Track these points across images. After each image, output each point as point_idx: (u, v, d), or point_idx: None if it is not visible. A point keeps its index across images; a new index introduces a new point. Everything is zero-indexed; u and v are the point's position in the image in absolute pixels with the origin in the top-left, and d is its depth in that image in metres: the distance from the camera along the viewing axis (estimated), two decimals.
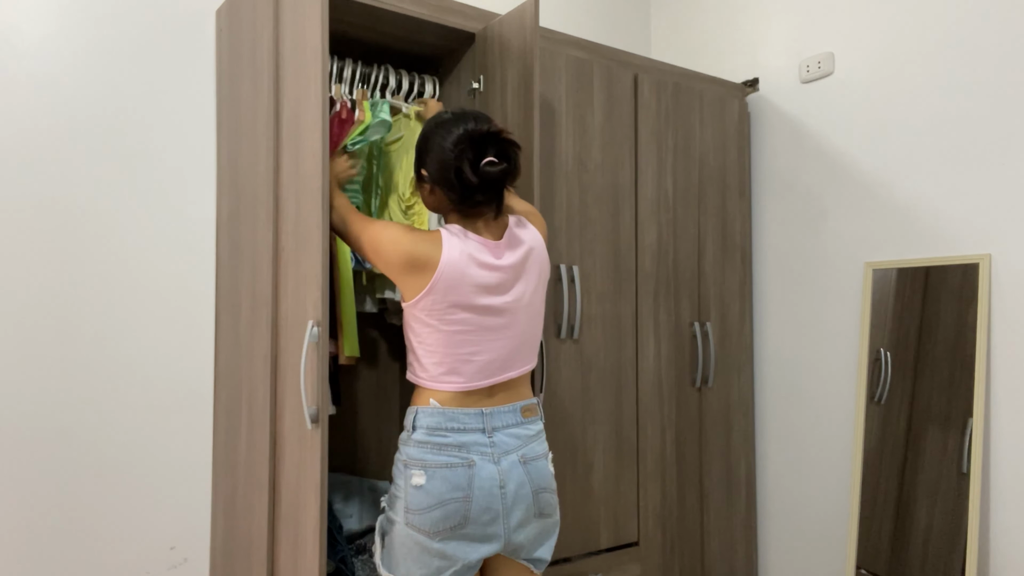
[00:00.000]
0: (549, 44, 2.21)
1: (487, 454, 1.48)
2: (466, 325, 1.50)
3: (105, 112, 1.95)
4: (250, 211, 1.85)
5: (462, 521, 1.44)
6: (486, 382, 1.52)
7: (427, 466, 1.46)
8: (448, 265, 1.47)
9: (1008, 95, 2.08)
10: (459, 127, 1.50)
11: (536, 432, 1.58)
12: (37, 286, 1.85)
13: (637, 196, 2.38)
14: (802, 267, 2.61)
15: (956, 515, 2.07)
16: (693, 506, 2.50)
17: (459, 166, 1.46)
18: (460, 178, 1.47)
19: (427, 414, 1.50)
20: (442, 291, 1.47)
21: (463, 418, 1.50)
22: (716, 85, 2.66)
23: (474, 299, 1.49)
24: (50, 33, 1.89)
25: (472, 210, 1.53)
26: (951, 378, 2.13)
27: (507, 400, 1.55)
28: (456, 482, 1.45)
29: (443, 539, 1.44)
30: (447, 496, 1.44)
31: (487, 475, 1.47)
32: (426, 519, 1.44)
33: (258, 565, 1.75)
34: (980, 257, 2.11)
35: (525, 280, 1.56)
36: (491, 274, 1.51)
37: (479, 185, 1.47)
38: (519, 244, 1.56)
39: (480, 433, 1.49)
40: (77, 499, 1.88)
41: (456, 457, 1.47)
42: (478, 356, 1.51)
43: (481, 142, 1.48)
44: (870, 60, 2.42)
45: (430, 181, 1.55)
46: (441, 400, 1.51)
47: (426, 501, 1.44)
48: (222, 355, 2.03)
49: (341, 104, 1.87)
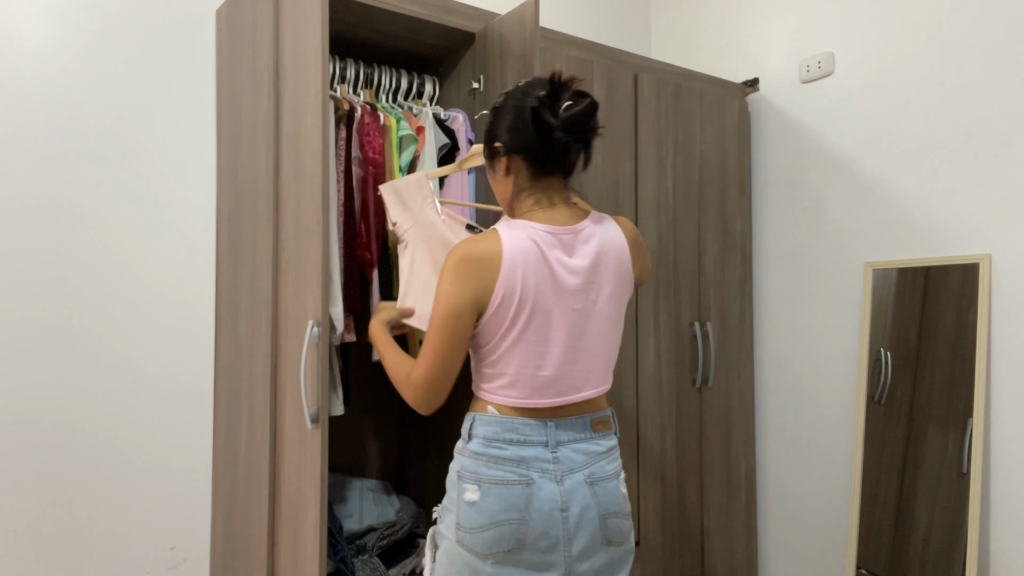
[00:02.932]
0: (549, 44, 2.21)
1: (549, 472, 1.32)
2: (535, 332, 1.33)
3: (105, 112, 1.95)
4: (250, 211, 1.85)
5: (516, 545, 1.30)
6: (554, 401, 1.36)
7: (481, 481, 1.32)
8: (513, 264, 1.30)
9: (1008, 95, 2.08)
10: (530, 89, 1.36)
11: (607, 449, 1.41)
12: (37, 286, 1.85)
13: (637, 196, 2.38)
14: (802, 267, 2.61)
15: (956, 515, 2.07)
16: (693, 506, 2.50)
17: (536, 112, 1.32)
18: (538, 125, 1.32)
19: (484, 422, 1.36)
20: (509, 298, 1.31)
21: (524, 429, 1.34)
22: (716, 85, 2.66)
23: (543, 302, 1.32)
24: (50, 33, 1.89)
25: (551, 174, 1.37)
26: (951, 378, 2.13)
27: (576, 411, 1.38)
28: (512, 501, 1.30)
29: (496, 563, 1.30)
30: (501, 516, 1.29)
31: (547, 496, 1.31)
32: (478, 539, 1.30)
33: (258, 565, 1.75)
34: (980, 257, 2.11)
35: (599, 282, 1.37)
36: (563, 274, 1.34)
37: (562, 127, 1.31)
38: (592, 238, 1.38)
39: (542, 447, 1.34)
40: (77, 499, 1.88)
41: (513, 473, 1.31)
42: (543, 371, 1.34)
43: (555, 92, 1.33)
44: (870, 60, 2.42)
45: (505, 152, 1.37)
46: (501, 409, 1.36)
47: (479, 520, 1.30)
48: (222, 355, 2.03)
49: (363, 109, 1.87)
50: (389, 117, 1.91)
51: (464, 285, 1.31)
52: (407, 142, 1.92)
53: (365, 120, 1.86)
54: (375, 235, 1.86)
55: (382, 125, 1.89)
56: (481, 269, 1.31)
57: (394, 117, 1.93)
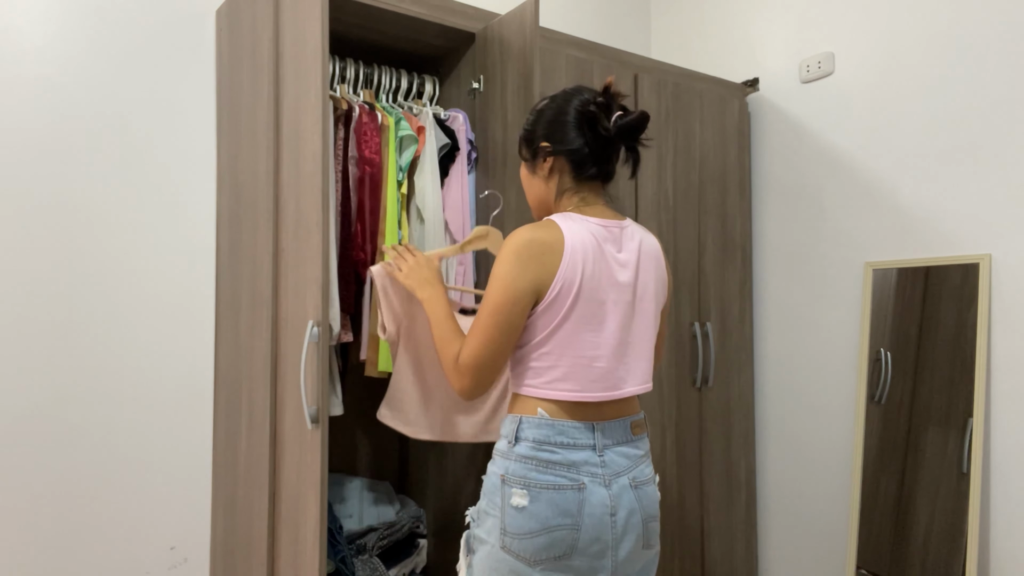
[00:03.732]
0: (549, 44, 2.21)
1: (598, 476, 1.32)
2: (590, 321, 1.33)
3: (105, 112, 1.95)
4: (250, 211, 1.85)
5: (568, 551, 1.28)
6: (604, 395, 1.35)
7: (531, 485, 1.29)
8: (573, 251, 1.31)
9: (1008, 95, 2.08)
10: (577, 94, 1.40)
11: (645, 452, 1.42)
12: (37, 286, 1.85)
13: (637, 196, 2.38)
14: (802, 267, 2.61)
15: (956, 515, 2.07)
16: (693, 506, 2.50)
17: (594, 117, 1.36)
18: (594, 130, 1.36)
19: (534, 425, 1.33)
20: (568, 287, 1.31)
21: (573, 432, 1.32)
22: (716, 85, 2.66)
23: (598, 292, 1.33)
24: (51, 34, 1.89)
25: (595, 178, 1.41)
26: (951, 378, 2.13)
27: (617, 413, 1.39)
28: (565, 507, 1.28)
29: (545, 569, 1.28)
30: (554, 522, 1.28)
31: (598, 500, 1.30)
32: (528, 545, 1.27)
33: (258, 565, 1.75)
34: (980, 257, 2.11)
35: (644, 279, 1.40)
36: (615, 267, 1.36)
37: (618, 133, 1.35)
38: (635, 236, 1.42)
39: (591, 451, 1.33)
40: (77, 499, 1.89)
41: (565, 478, 1.30)
42: (599, 362, 1.34)
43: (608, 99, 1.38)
44: (870, 60, 2.42)
45: (553, 152, 1.40)
46: (550, 411, 1.34)
47: (529, 525, 1.28)
48: (222, 355, 2.03)
49: (360, 109, 1.87)
50: (387, 116, 1.91)
51: (526, 270, 1.30)
52: (407, 142, 1.92)
53: (363, 119, 1.86)
54: (370, 235, 1.86)
55: (380, 124, 1.89)
56: (544, 254, 1.31)
57: (393, 117, 1.92)
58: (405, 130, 1.92)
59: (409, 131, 1.92)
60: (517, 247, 1.31)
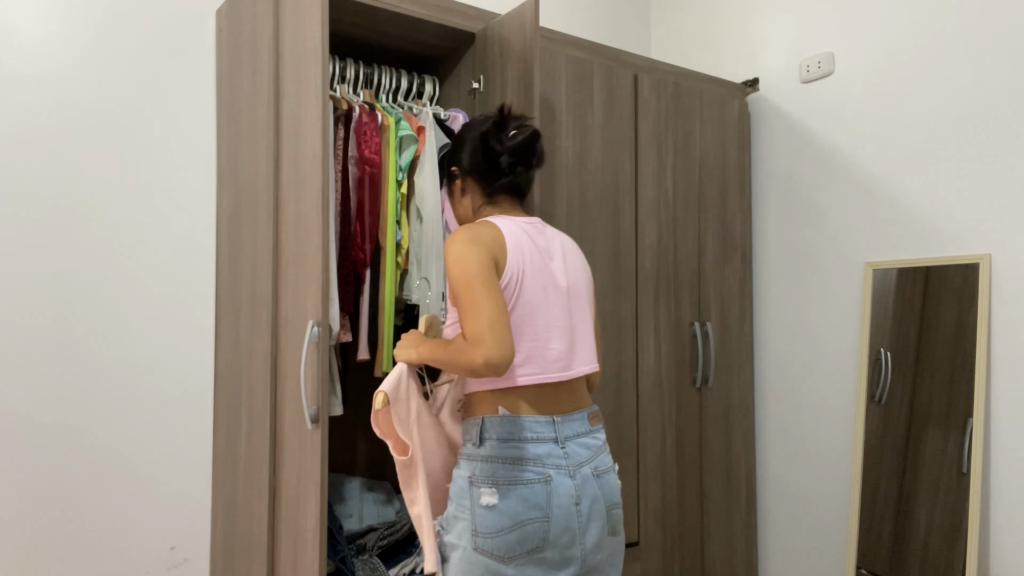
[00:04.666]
0: (549, 44, 2.21)
1: (562, 467, 1.35)
2: (539, 306, 1.40)
3: (105, 112, 1.95)
4: (250, 211, 1.85)
5: (540, 544, 1.31)
6: (561, 375, 1.41)
7: (499, 483, 1.32)
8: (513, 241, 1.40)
9: (1008, 95, 2.08)
10: (480, 120, 1.55)
11: (603, 442, 1.48)
12: (37, 286, 1.85)
13: (637, 196, 2.38)
14: (802, 267, 2.61)
15: (956, 515, 2.07)
16: (693, 506, 2.50)
17: (485, 138, 1.48)
18: (487, 150, 1.48)
19: (496, 424, 1.36)
20: (517, 273, 1.38)
21: (535, 427, 1.36)
22: (716, 85, 2.66)
23: (540, 279, 1.41)
24: (51, 33, 1.89)
25: (504, 192, 1.51)
26: (951, 378, 2.13)
27: (574, 406, 1.44)
28: (534, 500, 1.31)
29: (519, 564, 1.31)
30: (524, 516, 1.31)
31: (564, 491, 1.34)
32: (499, 543, 1.30)
33: (258, 565, 1.75)
34: (980, 257, 2.11)
35: (572, 268, 1.50)
36: (546, 257, 1.46)
37: (510, 151, 1.47)
38: (553, 234, 1.52)
39: (553, 443, 1.37)
40: (77, 499, 1.89)
41: (532, 472, 1.33)
42: (552, 344, 1.40)
43: (502, 120, 1.50)
44: (870, 60, 2.42)
45: (461, 174, 1.54)
46: (510, 407, 1.38)
47: (499, 523, 1.30)
48: (222, 355, 2.03)
49: (361, 109, 1.86)
50: (387, 116, 1.91)
51: (483, 250, 1.35)
52: (407, 142, 1.92)
53: (363, 119, 1.86)
54: (369, 235, 1.86)
55: (380, 124, 1.89)
56: (492, 241, 1.38)
57: (393, 117, 1.92)
58: (405, 130, 1.92)
59: (409, 131, 1.92)
60: (465, 238, 1.36)
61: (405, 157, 1.92)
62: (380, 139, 1.88)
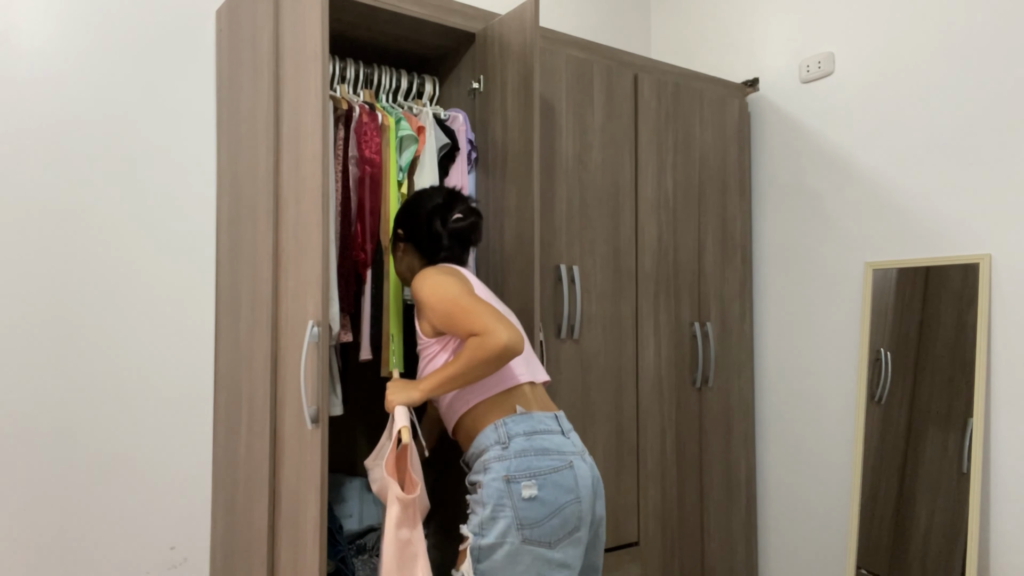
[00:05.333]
0: (549, 44, 2.21)
1: (576, 453, 1.51)
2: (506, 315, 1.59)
3: (105, 113, 1.95)
4: (250, 211, 1.85)
5: (577, 523, 1.45)
6: (543, 377, 1.64)
7: (537, 474, 1.43)
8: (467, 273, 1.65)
9: (1008, 95, 2.08)
10: (433, 194, 1.70)
11: None
12: (37, 286, 1.85)
13: (637, 196, 2.38)
14: (802, 267, 2.61)
15: (956, 515, 2.07)
16: (693, 506, 2.50)
17: (431, 216, 1.66)
18: (430, 228, 1.66)
19: (518, 421, 1.50)
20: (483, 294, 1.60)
21: (546, 420, 1.53)
22: (716, 85, 2.66)
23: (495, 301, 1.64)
24: (51, 34, 1.89)
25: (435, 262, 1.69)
26: (951, 378, 2.13)
27: (552, 406, 1.62)
28: (567, 485, 1.45)
29: (563, 547, 1.43)
30: (562, 500, 1.43)
31: (583, 473, 1.49)
32: (546, 530, 1.41)
33: (258, 565, 1.75)
34: (980, 257, 2.11)
35: None
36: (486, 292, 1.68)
37: (450, 233, 1.66)
38: None
39: (561, 435, 1.52)
40: (77, 499, 1.89)
41: (558, 460, 1.47)
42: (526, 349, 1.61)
43: (450, 202, 1.68)
44: (870, 60, 2.42)
45: (404, 240, 1.72)
46: (524, 405, 1.54)
47: (542, 511, 1.41)
48: (222, 355, 2.03)
49: (361, 109, 1.86)
50: (388, 116, 1.91)
51: (454, 278, 1.55)
52: (407, 142, 1.92)
53: (363, 119, 1.86)
54: (370, 235, 1.86)
55: (380, 124, 1.89)
56: (456, 272, 1.59)
57: (394, 117, 1.92)
58: (405, 130, 1.92)
59: (409, 131, 1.92)
60: (432, 271, 1.58)
61: (405, 157, 1.92)
62: (380, 139, 1.88)
